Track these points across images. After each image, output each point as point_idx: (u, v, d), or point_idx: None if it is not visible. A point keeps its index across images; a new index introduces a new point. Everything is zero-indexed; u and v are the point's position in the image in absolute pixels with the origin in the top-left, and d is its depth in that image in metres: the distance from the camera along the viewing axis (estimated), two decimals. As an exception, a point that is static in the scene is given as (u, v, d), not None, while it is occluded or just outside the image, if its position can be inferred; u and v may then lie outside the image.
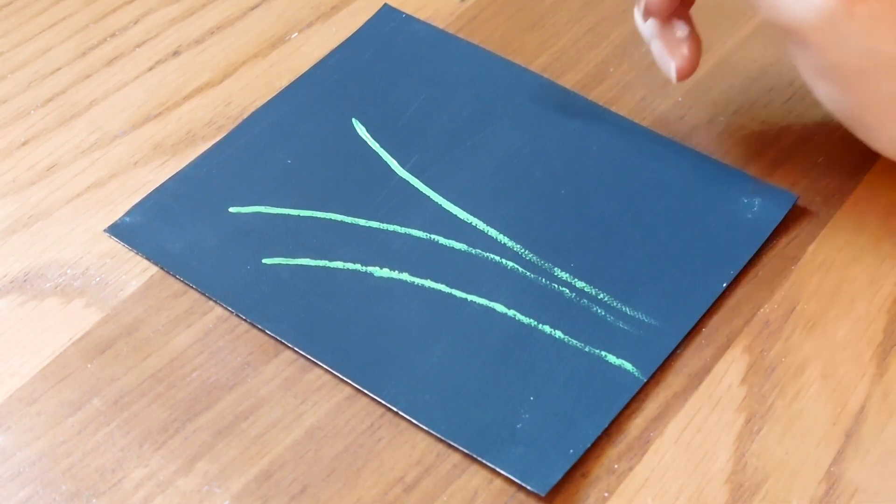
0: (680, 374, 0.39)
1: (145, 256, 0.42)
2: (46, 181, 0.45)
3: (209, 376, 0.39)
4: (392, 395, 0.38)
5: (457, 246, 0.42)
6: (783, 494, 0.36)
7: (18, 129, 0.47)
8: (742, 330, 0.40)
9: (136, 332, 0.40)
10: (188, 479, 0.37)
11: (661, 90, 0.48)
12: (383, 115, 0.46)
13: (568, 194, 0.44)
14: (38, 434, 0.38)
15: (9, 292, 0.42)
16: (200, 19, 0.51)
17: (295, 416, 0.38)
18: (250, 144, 0.46)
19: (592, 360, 0.39)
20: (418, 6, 0.51)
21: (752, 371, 0.39)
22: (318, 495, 0.37)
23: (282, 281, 0.41)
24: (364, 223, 0.43)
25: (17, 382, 0.39)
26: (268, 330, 0.40)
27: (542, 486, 0.36)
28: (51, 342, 0.40)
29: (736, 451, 0.37)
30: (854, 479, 0.37)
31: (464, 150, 0.45)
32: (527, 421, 0.38)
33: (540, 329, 0.40)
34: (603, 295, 0.41)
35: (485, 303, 0.41)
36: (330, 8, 0.51)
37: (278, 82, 0.48)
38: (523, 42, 0.50)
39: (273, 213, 0.43)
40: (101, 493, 0.37)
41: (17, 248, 0.43)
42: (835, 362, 0.40)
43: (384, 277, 0.41)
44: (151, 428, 0.38)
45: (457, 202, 0.43)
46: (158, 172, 0.45)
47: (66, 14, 0.51)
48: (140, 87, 0.48)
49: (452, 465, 0.37)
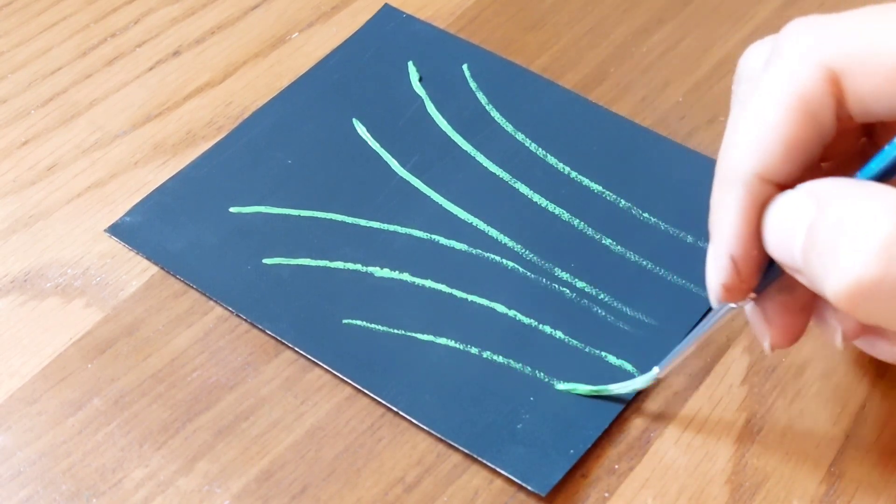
0: (680, 374, 0.39)
1: (145, 256, 0.42)
2: (46, 181, 0.45)
3: (209, 376, 0.39)
4: (392, 395, 0.38)
5: (457, 246, 0.42)
6: (783, 494, 0.36)
7: (18, 129, 0.47)
8: (742, 330, 0.40)
9: (136, 332, 0.40)
10: (188, 479, 0.37)
11: (661, 90, 0.48)
12: (384, 115, 0.46)
13: (568, 194, 0.44)
14: (39, 434, 0.38)
15: (9, 292, 0.42)
16: (201, 19, 0.51)
17: (295, 416, 0.38)
18: (251, 144, 0.46)
19: (593, 361, 0.39)
20: (418, 6, 0.51)
21: (752, 371, 0.39)
22: (318, 495, 0.37)
23: (282, 281, 0.41)
24: (364, 223, 0.43)
25: (17, 382, 0.39)
26: (268, 330, 0.40)
27: (543, 487, 0.36)
28: (51, 342, 0.40)
29: (736, 451, 0.37)
30: (854, 479, 0.37)
31: (464, 151, 0.45)
32: (527, 421, 0.38)
33: (540, 329, 0.40)
34: (603, 295, 0.41)
35: (485, 303, 0.41)
36: (330, 8, 0.51)
37: (279, 82, 0.48)
38: (523, 42, 0.50)
39: (273, 213, 0.43)
40: (102, 493, 0.37)
41: (17, 248, 0.43)
42: (835, 362, 0.40)
43: (385, 277, 0.41)
44: (152, 428, 0.38)
45: (457, 202, 0.43)
46: (159, 172, 0.45)
47: (67, 14, 0.51)
48: (140, 87, 0.48)
49: (453, 465, 0.37)
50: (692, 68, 0.48)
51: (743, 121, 0.33)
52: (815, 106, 0.32)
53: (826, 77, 0.32)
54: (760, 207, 0.33)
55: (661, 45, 0.49)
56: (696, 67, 0.48)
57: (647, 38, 0.50)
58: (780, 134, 0.32)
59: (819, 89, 0.32)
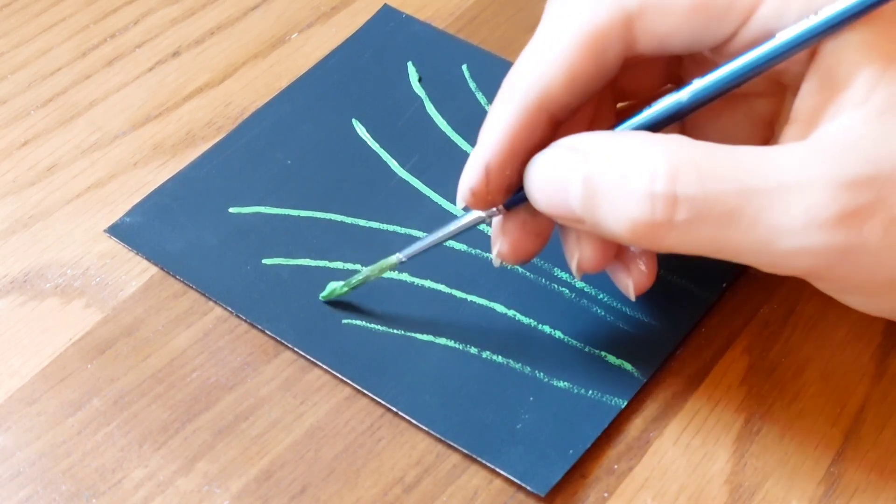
0: (680, 375, 0.39)
1: (145, 256, 0.42)
2: (46, 181, 0.45)
3: (209, 376, 0.39)
4: (392, 396, 0.38)
5: (457, 246, 0.42)
6: (783, 495, 0.36)
7: (18, 130, 0.47)
8: (742, 330, 0.40)
9: (136, 332, 0.40)
10: (188, 479, 0.37)
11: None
12: (383, 115, 0.46)
13: (568, 195, 0.44)
14: (38, 434, 0.38)
15: (9, 292, 0.42)
16: (200, 20, 0.51)
17: (295, 417, 0.38)
18: (250, 145, 0.46)
19: (592, 361, 0.39)
20: (418, 6, 0.51)
21: (752, 371, 0.39)
22: (318, 495, 0.37)
23: (282, 281, 0.41)
24: (364, 223, 0.43)
25: (17, 382, 0.39)
26: (268, 330, 0.40)
27: (542, 487, 0.36)
28: (51, 342, 0.40)
29: (736, 451, 0.37)
30: (854, 479, 0.37)
31: (464, 151, 0.45)
32: (527, 421, 0.38)
33: (540, 329, 0.40)
34: (603, 295, 0.41)
35: (485, 303, 0.41)
36: (330, 8, 0.51)
37: (278, 83, 0.48)
38: (523, 42, 0.49)
39: (273, 213, 0.43)
40: (101, 493, 0.37)
41: (17, 248, 0.43)
42: (835, 362, 0.40)
43: (384, 277, 0.41)
44: (151, 428, 0.38)
45: (457, 202, 0.44)
46: (158, 173, 0.45)
47: (66, 14, 0.51)
48: (140, 87, 0.48)
49: (452, 465, 0.37)
50: (692, 69, 0.48)
51: (538, 45, 0.36)
52: (604, 45, 0.35)
53: (620, 18, 0.35)
54: (528, 131, 0.35)
55: (661, 45, 0.49)
56: (695, 68, 0.48)
57: (646, 38, 0.50)
58: (566, 67, 0.35)
59: (610, 30, 0.35)
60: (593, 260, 0.37)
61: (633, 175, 0.33)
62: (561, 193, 0.34)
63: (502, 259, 0.38)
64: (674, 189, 0.32)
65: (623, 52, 0.35)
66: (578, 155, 0.34)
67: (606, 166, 0.33)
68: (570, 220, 0.35)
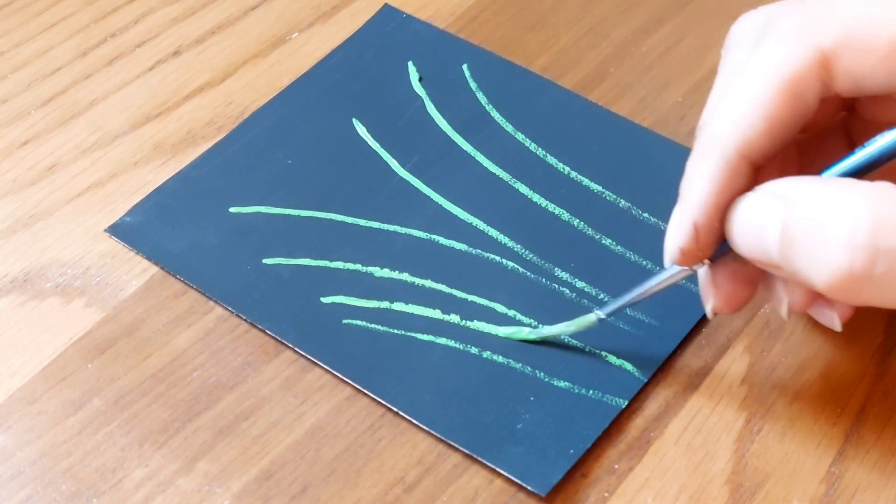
0: (680, 374, 0.39)
1: (145, 256, 0.42)
2: (47, 181, 0.45)
3: (209, 376, 0.39)
4: (392, 395, 0.38)
5: (457, 246, 0.42)
6: (783, 495, 0.36)
7: (18, 129, 0.47)
8: (742, 330, 0.40)
9: (136, 332, 0.40)
10: (188, 479, 0.37)
11: (660, 90, 0.48)
12: (384, 115, 0.46)
13: (568, 194, 0.44)
14: (39, 434, 0.38)
15: (9, 292, 0.42)
16: (201, 19, 0.51)
17: (295, 416, 0.38)
18: (251, 144, 0.46)
19: (593, 361, 0.39)
20: (418, 6, 0.51)
21: (752, 371, 0.39)
22: (318, 495, 0.37)
23: (282, 281, 0.41)
24: (364, 223, 0.43)
25: (17, 382, 0.39)
26: (268, 330, 0.40)
27: (543, 486, 0.36)
28: (51, 342, 0.40)
29: (736, 451, 0.37)
30: (854, 479, 0.37)
31: (464, 150, 0.45)
32: (527, 421, 0.38)
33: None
34: (603, 295, 0.41)
35: (485, 303, 0.41)
36: (330, 8, 0.51)
37: (279, 82, 0.48)
38: (523, 42, 0.50)
39: (273, 213, 0.43)
40: (102, 493, 0.37)
41: (17, 248, 0.43)
42: (836, 362, 0.40)
43: (384, 277, 0.41)
44: (152, 428, 0.38)
45: (457, 202, 0.44)
46: (159, 172, 0.45)
47: (67, 14, 0.51)
48: (140, 87, 0.48)
49: (453, 465, 0.37)
50: (692, 68, 0.48)
51: (732, 95, 0.34)
52: (803, 88, 0.33)
53: (816, 59, 0.33)
54: (731, 182, 0.34)
55: (661, 45, 0.50)
56: (695, 67, 0.48)
57: (646, 38, 0.50)
58: (766, 113, 0.33)
59: (808, 72, 0.33)
60: (804, 304, 0.36)
61: (833, 225, 0.31)
62: (760, 239, 0.33)
63: (717, 312, 0.37)
64: (875, 242, 0.31)
65: (821, 94, 0.34)
66: (779, 201, 0.33)
67: (806, 214, 0.32)
68: (768, 265, 0.34)
